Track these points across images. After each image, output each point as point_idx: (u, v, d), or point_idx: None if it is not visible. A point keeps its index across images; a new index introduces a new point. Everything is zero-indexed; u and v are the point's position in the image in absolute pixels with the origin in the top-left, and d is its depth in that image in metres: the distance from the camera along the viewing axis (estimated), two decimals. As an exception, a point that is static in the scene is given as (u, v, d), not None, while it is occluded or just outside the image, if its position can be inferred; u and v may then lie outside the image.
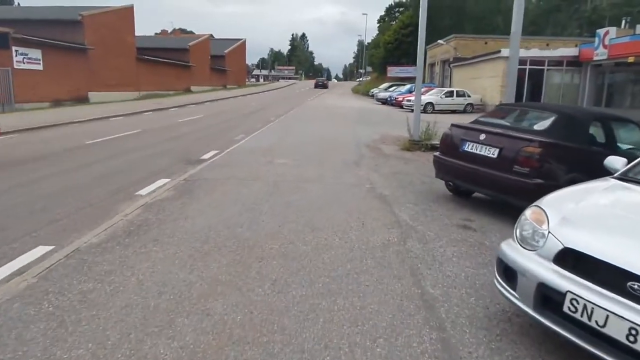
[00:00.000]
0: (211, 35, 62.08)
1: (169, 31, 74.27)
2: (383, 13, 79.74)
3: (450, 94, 28.02)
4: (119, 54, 31.89)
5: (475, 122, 6.48)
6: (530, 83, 26.16)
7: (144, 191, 6.73)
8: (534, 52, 26.23)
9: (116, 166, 8.71)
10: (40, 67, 23.86)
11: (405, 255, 4.18)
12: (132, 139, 12.57)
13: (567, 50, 26.67)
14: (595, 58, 23.34)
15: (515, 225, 2.96)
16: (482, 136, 5.80)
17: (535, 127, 5.73)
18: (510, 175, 5.35)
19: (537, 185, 5.14)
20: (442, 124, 12.83)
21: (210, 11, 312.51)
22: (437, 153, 6.62)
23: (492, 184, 5.61)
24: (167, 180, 7.41)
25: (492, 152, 5.62)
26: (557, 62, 26.24)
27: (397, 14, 72.55)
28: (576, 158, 5.46)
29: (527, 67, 25.44)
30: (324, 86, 66.89)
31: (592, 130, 5.76)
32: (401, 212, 5.66)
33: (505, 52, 25.70)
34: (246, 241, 4.44)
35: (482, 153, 5.76)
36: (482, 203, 6.36)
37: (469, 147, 5.97)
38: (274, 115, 21.18)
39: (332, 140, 12.71)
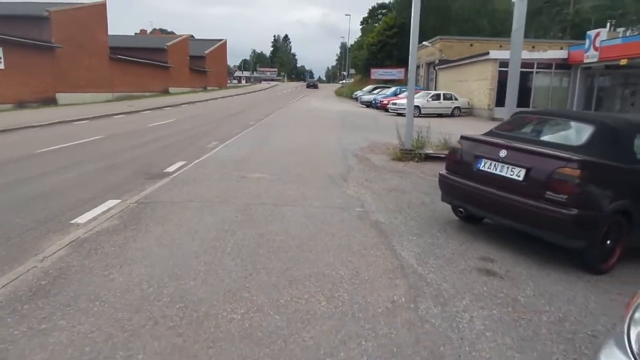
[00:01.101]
0: (191, 36, 60.17)
1: (148, 31, 71.91)
2: (366, 15, 79.02)
3: (437, 97, 27.02)
4: (91, 53, 30.05)
5: (490, 134, 5.33)
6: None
7: (82, 218, 5.40)
8: (523, 55, 25.30)
9: (62, 182, 7.33)
10: (1, 66, 22.13)
11: (421, 331, 2.96)
12: (92, 147, 11.13)
13: (557, 53, 25.96)
14: (585, 60, 22.60)
15: (625, 325, 1.78)
16: (503, 152, 4.65)
17: (570, 142, 4.60)
18: (541, 204, 4.22)
19: (577, 216, 4.03)
20: (434, 130, 11.77)
21: (193, 12, 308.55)
22: (443, 172, 5.45)
23: (518, 213, 4.46)
24: (116, 202, 6.09)
25: (517, 174, 4.48)
26: (546, 65, 25.46)
27: (380, 16, 71.69)
28: (623, 180, 4.36)
29: (516, 69, 24.56)
30: (315, 86, 79.76)
31: (636, 143, 4.67)
32: (404, 250, 4.46)
33: (494, 54, 24.91)
34: (197, 307, 3.18)
35: (502, 174, 4.62)
36: (498, 232, 5.22)
37: (486, 166, 4.82)
38: (254, 119, 19.84)
39: (316, 149, 11.47)
